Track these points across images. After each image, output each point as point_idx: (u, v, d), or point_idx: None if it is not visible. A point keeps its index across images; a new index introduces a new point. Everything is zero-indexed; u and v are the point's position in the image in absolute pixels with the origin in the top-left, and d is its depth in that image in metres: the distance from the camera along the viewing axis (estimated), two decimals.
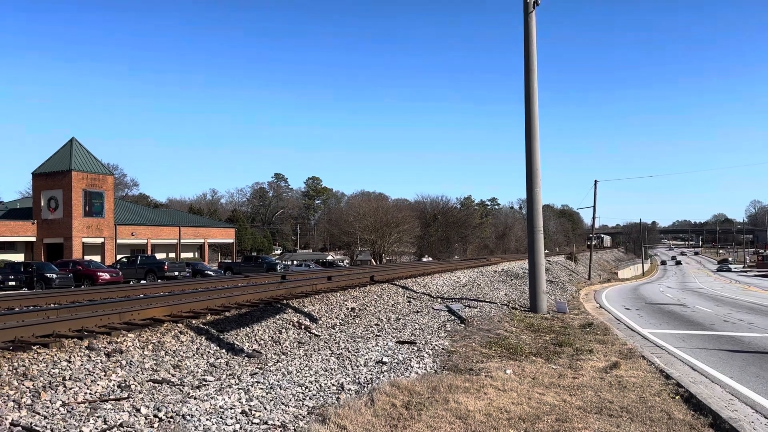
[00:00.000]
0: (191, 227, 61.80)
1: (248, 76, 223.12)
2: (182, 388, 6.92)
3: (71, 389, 6.39)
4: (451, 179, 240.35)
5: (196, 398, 6.41)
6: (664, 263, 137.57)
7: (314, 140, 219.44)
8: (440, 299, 18.41)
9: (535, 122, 17.72)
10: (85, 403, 6.03)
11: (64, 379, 6.65)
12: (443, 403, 6.46)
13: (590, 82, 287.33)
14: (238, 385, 7.12)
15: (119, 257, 43.20)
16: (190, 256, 61.44)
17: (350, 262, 76.65)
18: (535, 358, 9.61)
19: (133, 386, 6.80)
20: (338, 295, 15.73)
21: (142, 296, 15.00)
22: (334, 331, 11.84)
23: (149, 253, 52.23)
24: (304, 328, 11.48)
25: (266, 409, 6.18)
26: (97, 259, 44.52)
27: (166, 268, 35.94)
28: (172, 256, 57.53)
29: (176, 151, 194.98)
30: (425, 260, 74.73)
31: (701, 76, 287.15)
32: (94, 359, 7.45)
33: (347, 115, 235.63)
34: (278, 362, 8.70)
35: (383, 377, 7.88)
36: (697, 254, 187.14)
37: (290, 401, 6.53)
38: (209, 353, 8.78)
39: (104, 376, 6.98)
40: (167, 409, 5.92)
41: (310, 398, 6.71)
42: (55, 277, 29.10)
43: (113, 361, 7.52)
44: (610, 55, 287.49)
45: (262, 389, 6.93)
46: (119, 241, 51.10)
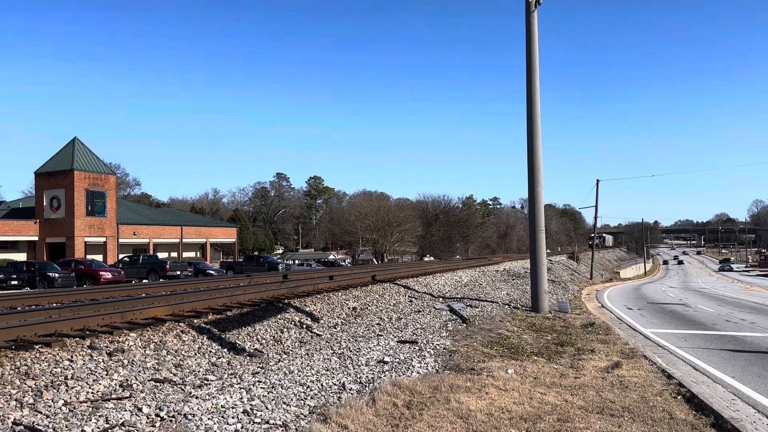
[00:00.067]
0: (193, 227, 61.88)
1: (248, 76, 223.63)
2: (184, 387, 6.93)
3: (73, 388, 6.40)
4: (452, 179, 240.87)
5: (197, 397, 6.41)
6: (666, 263, 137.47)
7: (315, 140, 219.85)
8: (442, 299, 18.40)
9: (536, 122, 17.71)
10: (87, 402, 6.04)
11: (66, 378, 6.65)
12: (445, 402, 6.46)
13: (591, 81, 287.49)
14: (239, 384, 7.12)
15: (121, 256, 43.31)
16: (192, 255, 61.56)
17: (352, 261, 76.63)
18: (536, 357, 9.60)
19: (134, 385, 6.81)
20: (340, 294, 15.72)
21: (144, 295, 14.98)
22: (335, 330, 11.84)
23: (151, 252, 52.30)
24: (305, 327, 11.48)
25: (268, 408, 6.19)
26: (99, 258, 44.58)
27: (168, 267, 36.01)
28: (174, 255, 57.65)
29: (178, 150, 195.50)
30: (427, 260, 74.69)
31: (701, 76, 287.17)
32: (96, 358, 7.46)
33: (347, 115, 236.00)
34: (280, 362, 8.71)
35: (385, 377, 7.88)
36: (699, 254, 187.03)
37: (292, 401, 6.53)
38: (211, 353, 8.79)
39: (106, 375, 6.99)
40: (169, 408, 5.93)
41: (311, 398, 6.71)
42: (57, 276, 29.14)
43: (115, 360, 7.53)
44: (610, 55, 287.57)
45: (263, 389, 6.93)
46: (121, 240, 51.20)
